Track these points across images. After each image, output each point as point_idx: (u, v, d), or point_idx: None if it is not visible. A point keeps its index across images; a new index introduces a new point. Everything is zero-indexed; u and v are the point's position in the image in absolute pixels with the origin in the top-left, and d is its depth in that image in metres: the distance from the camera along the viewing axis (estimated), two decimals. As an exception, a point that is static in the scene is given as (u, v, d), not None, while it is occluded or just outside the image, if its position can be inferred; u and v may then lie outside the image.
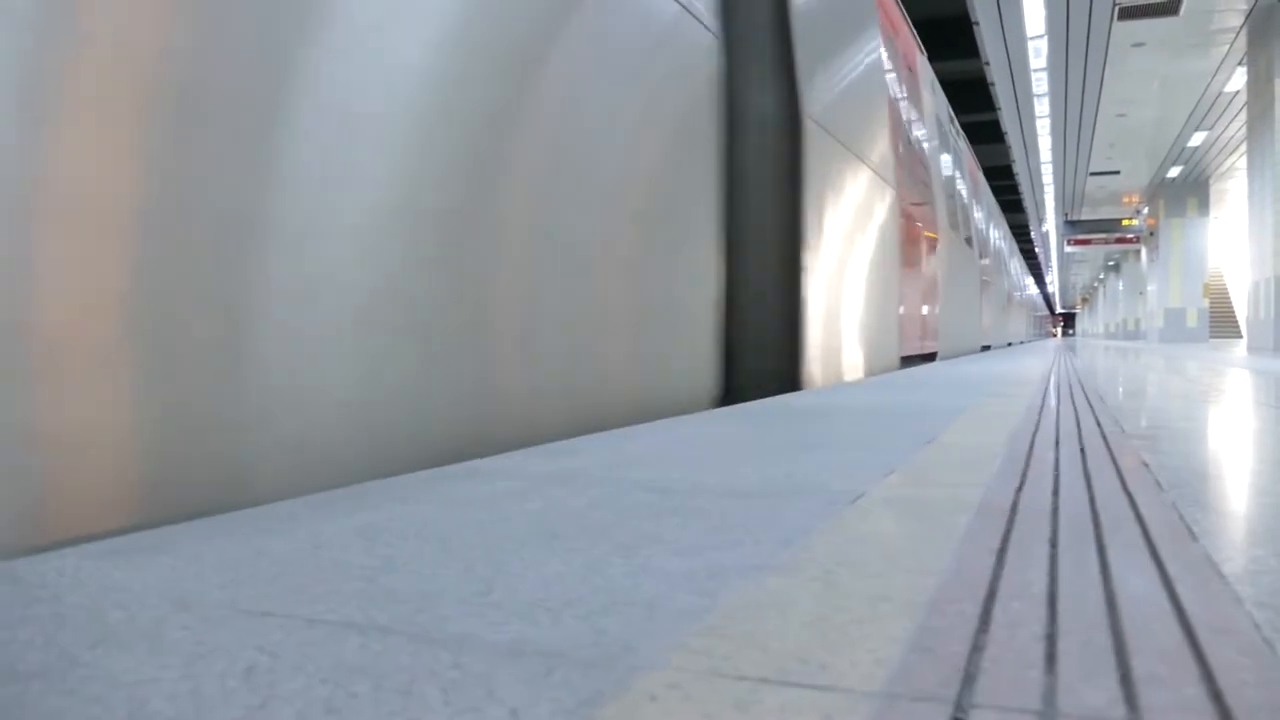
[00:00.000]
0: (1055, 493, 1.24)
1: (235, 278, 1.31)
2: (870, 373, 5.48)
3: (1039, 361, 7.52)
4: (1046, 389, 3.67)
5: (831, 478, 1.38)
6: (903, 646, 0.63)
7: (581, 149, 2.34)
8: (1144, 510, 1.11)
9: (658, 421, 2.36)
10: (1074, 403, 2.93)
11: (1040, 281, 49.61)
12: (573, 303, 2.31)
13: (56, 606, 0.74)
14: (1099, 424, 2.21)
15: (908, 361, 7.01)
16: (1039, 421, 2.27)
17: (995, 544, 0.94)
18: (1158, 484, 1.31)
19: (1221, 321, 27.85)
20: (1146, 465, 1.50)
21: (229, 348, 1.31)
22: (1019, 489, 1.27)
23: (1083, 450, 1.70)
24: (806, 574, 0.82)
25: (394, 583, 0.81)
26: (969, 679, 0.57)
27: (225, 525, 1.05)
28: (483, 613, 0.72)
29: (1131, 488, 1.28)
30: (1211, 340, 21.60)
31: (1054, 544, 0.94)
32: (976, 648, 0.63)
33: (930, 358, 8.44)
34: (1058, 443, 1.81)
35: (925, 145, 8.38)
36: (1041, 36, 12.38)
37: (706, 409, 3.06)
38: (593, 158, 2.41)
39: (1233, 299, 29.84)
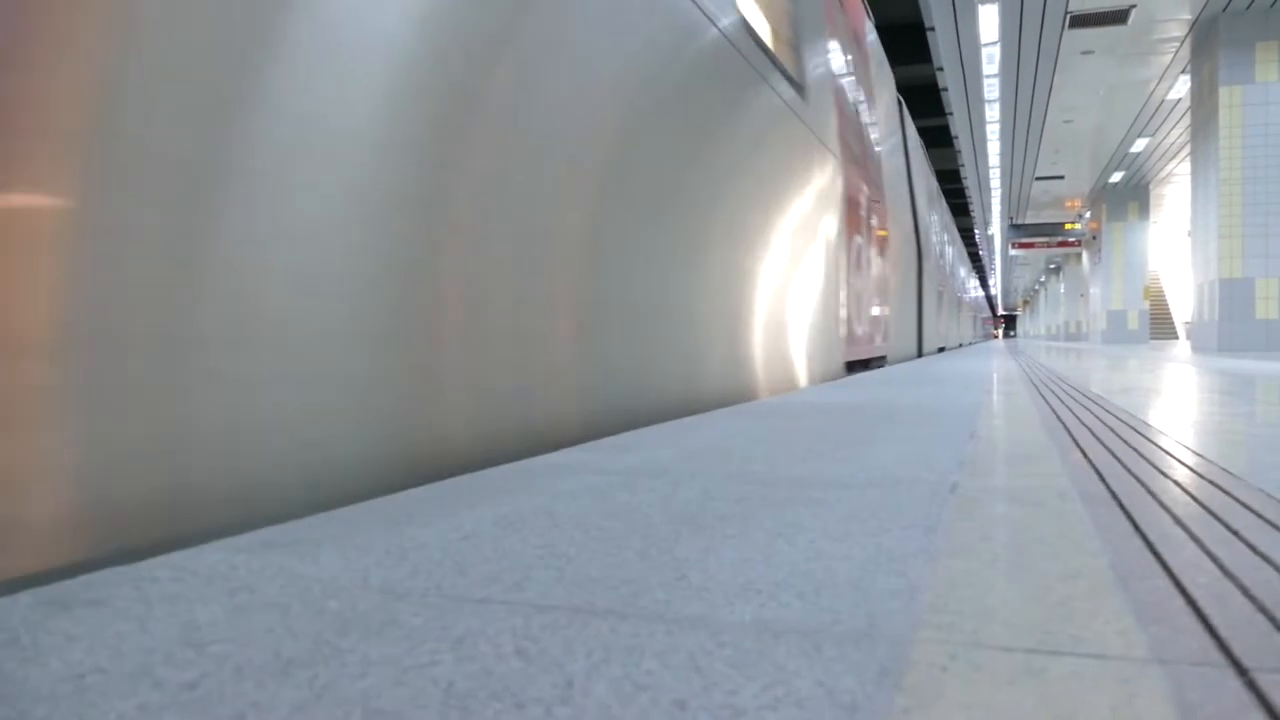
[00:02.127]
0: (1140, 481, 1.29)
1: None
2: (811, 381, 4.61)
3: (1006, 362, 7.67)
4: (1036, 387, 3.76)
5: (911, 469, 1.41)
6: (1133, 619, 0.66)
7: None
8: (1240, 496, 1.16)
9: (679, 420, 2.37)
10: (1076, 399, 3.01)
11: (984, 284, 50.65)
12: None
13: (260, 597, 0.74)
14: (1121, 419, 2.28)
15: (853, 368, 5.93)
16: (1058, 416, 2.33)
17: (1128, 528, 0.98)
18: (1227, 472, 1.37)
19: (1159, 323, 28.67)
20: (1203, 456, 1.56)
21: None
22: (1101, 479, 1.32)
23: (1127, 443, 1.76)
24: (979, 557, 0.85)
25: (582, 570, 0.81)
26: (1223, 645, 0.60)
27: (354, 518, 1.05)
28: (699, 596, 0.73)
29: (1209, 476, 1.33)
30: (1151, 341, 22.23)
31: (1183, 526, 0.98)
32: (1201, 617, 0.66)
33: (872, 363, 7.01)
34: (1098, 438, 1.87)
35: (873, 131, 7.26)
36: (995, 43, 12.65)
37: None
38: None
39: (1169, 302, 30.72)
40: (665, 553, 0.88)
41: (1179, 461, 1.49)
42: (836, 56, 5.51)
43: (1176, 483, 1.27)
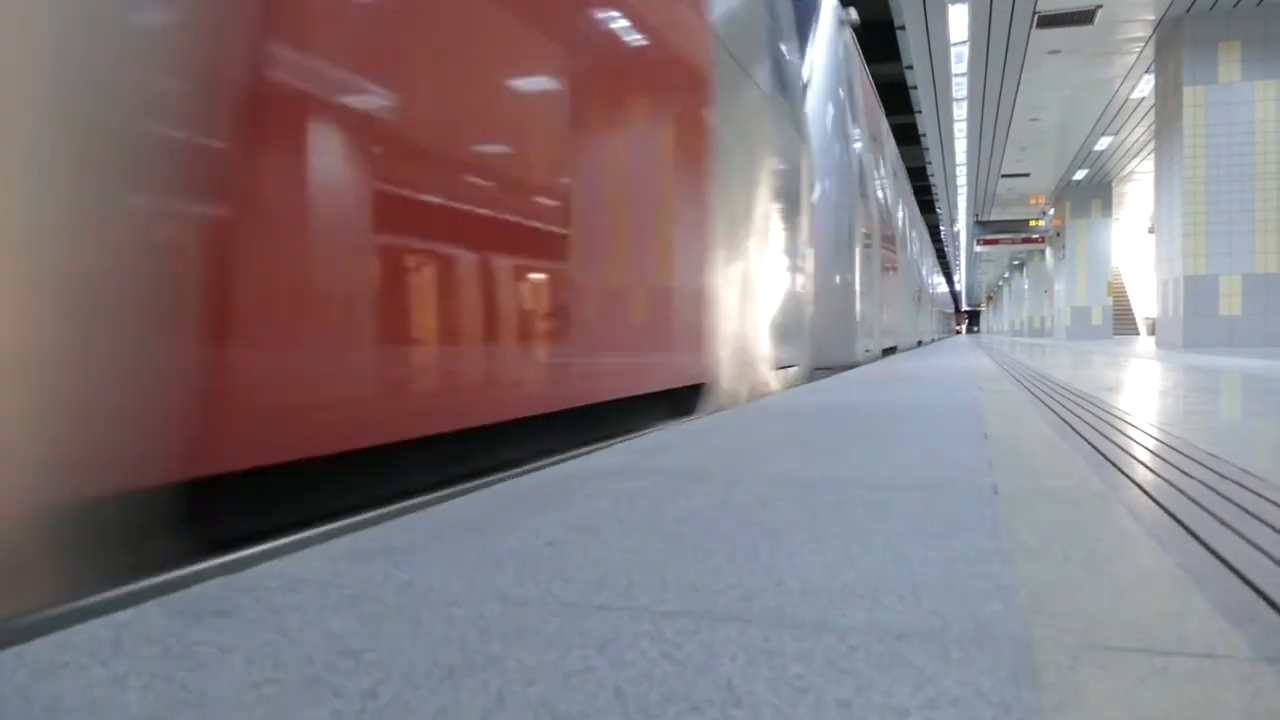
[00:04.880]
0: (1168, 481, 1.34)
1: None
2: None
3: (981, 360, 7.79)
4: (1023, 385, 3.84)
5: (945, 471, 1.46)
6: (1223, 619, 0.70)
7: None
8: (1271, 496, 1.22)
9: (693, 422, 2.41)
10: (1067, 398, 3.08)
11: (949, 280, 51.28)
12: None
13: (384, 606, 0.76)
14: (1118, 417, 2.35)
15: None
16: (1059, 415, 2.40)
17: (1178, 529, 1.03)
18: (1247, 472, 1.43)
19: (1121, 319, 29.18)
20: (1215, 456, 1.62)
21: None
22: (1130, 479, 1.37)
23: (1136, 442, 1.82)
24: (1050, 559, 0.89)
25: (681, 576, 0.85)
26: (1318, 643, 0.65)
27: (428, 527, 1.07)
28: (806, 601, 0.77)
29: (1231, 476, 1.39)
30: (1114, 337, 22.63)
31: (1230, 527, 1.03)
32: (1286, 618, 0.71)
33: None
34: (1106, 437, 1.93)
35: None
36: (964, 43, 12.82)
37: None
38: None
39: (1130, 298, 31.27)
40: (751, 558, 0.91)
41: (1195, 461, 1.55)
42: None
43: (1203, 483, 1.33)
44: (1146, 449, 1.72)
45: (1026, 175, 21.55)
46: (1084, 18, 11.77)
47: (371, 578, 0.85)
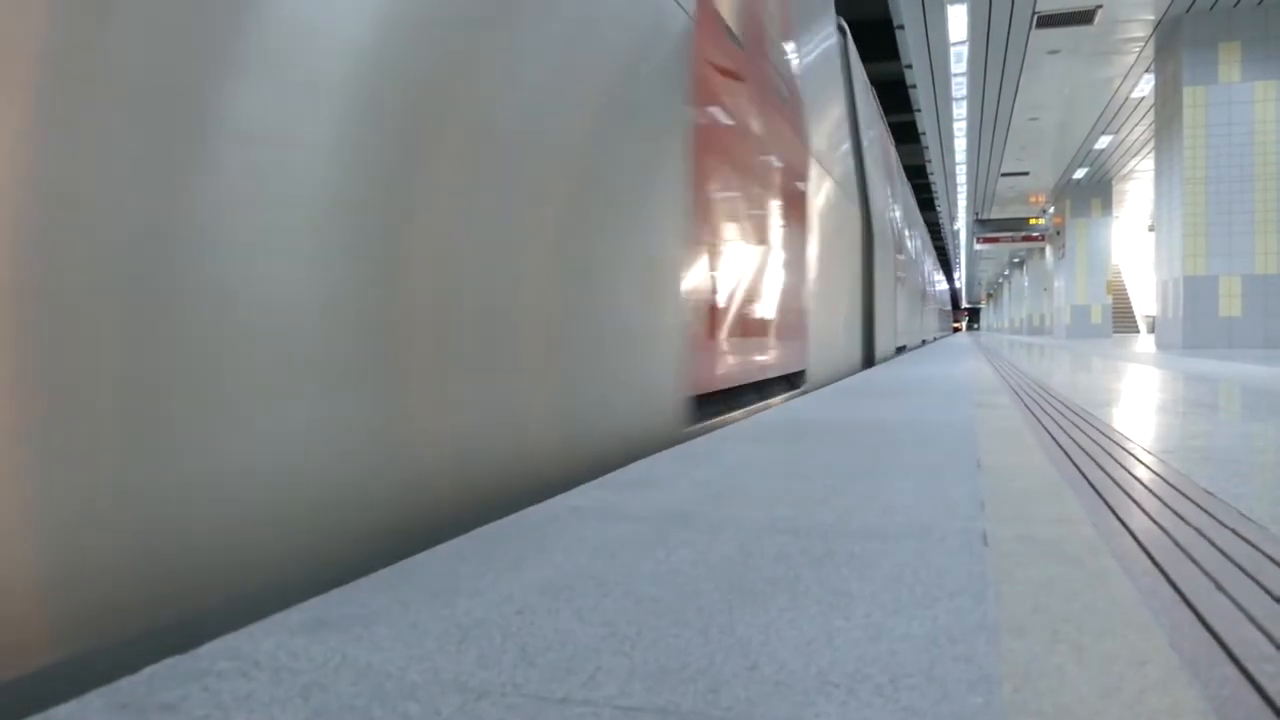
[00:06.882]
0: (1162, 528, 1.31)
1: None
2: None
3: (979, 366, 7.75)
4: (1020, 399, 3.81)
5: (933, 513, 1.42)
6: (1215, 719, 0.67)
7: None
8: (1272, 553, 1.18)
9: (684, 447, 2.38)
10: (1065, 415, 3.05)
11: (949, 277, 51.25)
12: None
13: (336, 698, 0.73)
14: (1112, 439, 2.31)
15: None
16: (1055, 436, 2.36)
17: (1170, 593, 0.99)
18: (1245, 517, 1.39)
19: (1121, 317, 29.15)
20: (1212, 494, 1.59)
21: None
22: (1124, 525, 1.34)
23: (1129, 472, 1.79)
24: (1039, 636, 0.86)
25: (650, 657, 0.81)
26: (1315, 757, 0.61)
27: (398, 585, 1.04)
28: (778, 691, 0.73)
29: (1228, 523, 1.35)
30: (1114, 336, 22.61)
31: (1226, 594, 1.00)
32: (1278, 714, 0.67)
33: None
34: (1099, 465, 1.90)
35: None
36: (963, 42, 12.77)
37: None
38: None
39: (1130, 296, 31.23)
40: (726, 632, 0.88)
41: (1191, 502, 1.52)
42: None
43: (1199, 531, 1.29)
44: (1142, 483, 1.69)
45: (1026, 174, 21.52)
46: (1084, 18, 11.72)
47: (329, 659, 0.82)
